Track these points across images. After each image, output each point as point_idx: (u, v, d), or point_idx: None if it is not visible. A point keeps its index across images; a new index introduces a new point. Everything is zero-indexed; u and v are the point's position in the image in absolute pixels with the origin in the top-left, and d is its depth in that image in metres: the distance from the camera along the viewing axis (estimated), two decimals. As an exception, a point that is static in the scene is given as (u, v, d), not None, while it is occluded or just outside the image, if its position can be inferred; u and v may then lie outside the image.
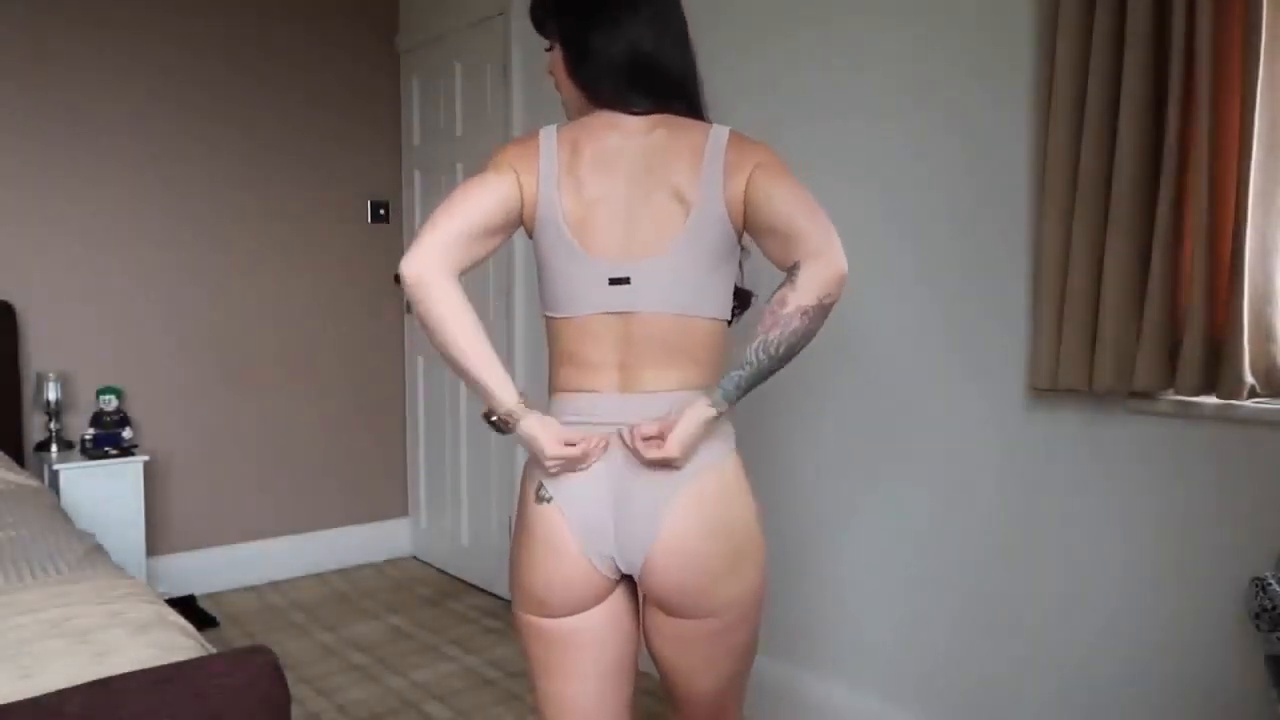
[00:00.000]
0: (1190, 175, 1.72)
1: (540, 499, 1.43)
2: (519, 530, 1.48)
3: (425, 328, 1.38)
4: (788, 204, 1.39)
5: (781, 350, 1.34)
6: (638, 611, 1.54)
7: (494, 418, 1.41)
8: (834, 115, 2.41)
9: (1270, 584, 1.43)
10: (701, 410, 1.37)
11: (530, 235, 1.47)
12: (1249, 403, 1.72)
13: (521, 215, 1.44)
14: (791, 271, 1.35)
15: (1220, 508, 1.78)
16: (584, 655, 1.48)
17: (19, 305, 3.36)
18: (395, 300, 4.24)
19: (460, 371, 1.38)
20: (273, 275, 3.91)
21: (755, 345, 1.34)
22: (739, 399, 1.39)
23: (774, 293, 1.35)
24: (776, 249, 1.39)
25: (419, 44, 4.03)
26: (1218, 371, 1.72)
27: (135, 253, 3.60)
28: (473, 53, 3.71)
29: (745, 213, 1.41)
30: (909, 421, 2.31)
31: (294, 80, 3.92)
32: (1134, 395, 1.87)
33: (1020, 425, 2.09)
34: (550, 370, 1.51)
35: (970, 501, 2.20)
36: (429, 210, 4.02)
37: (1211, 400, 1.76)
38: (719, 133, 1.44)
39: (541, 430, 1.39)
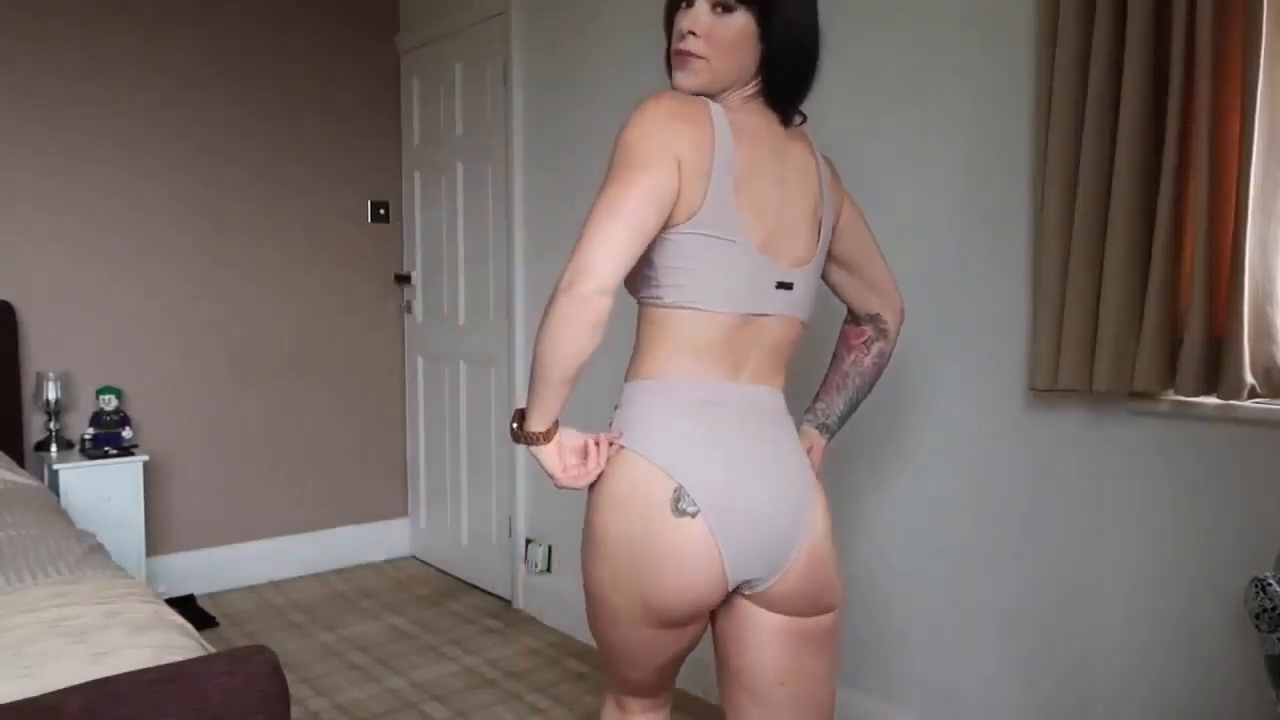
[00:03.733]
0: (1190, 175, 1.72)
1: (681, 511, 1.32)
2: (642, 542, 1.34)
3: (553, 338, 1.26)
4: (874, 249, 1.62)
5: (873, 387, 1.70)
6: None
7: (519, 426, 1.36)
8: (834, 117, 2.41)
9: (1270, 584, 1.43)
10: (824, 443, 1.69)
11: (675, 220, 1.31)
12: (1249, 403, 1.72)
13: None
14: (879, 322, 1.64)
15: (1220, 508, 1.78)
16: (677, 652, 1.48)
17: (19, 305, 3.36)
18: (395, 300, 4.24)
19: (541, 383, 1.30)
20: (273, 275, 3.91)
21: (858, 386, 1.67)
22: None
23: (863, 338, 1.65)
24: (851, 286, 1.62)
25: (419, 44, 4.03)
26: (1218, 371, 1.72)
27: (135, 253, 3.60)
28: (473, 53, 3.71)
29: (832, 238, 1.55)
30: (908, 421, 2.31)
31: (294, 80, 3.92)
32: (1134, 395, 1.87)
33: (1020, 425, 2.09)
34: (650, 355, 1.39)
35: (969, 501, 2.19)
36: (428, 209, 4.04)
37: (1211, 400, 1.76)
38: (815, 150, 1.51)
39: (553, 458, 1.36)
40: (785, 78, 1.41)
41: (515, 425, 1.37)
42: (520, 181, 3.48)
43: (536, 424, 1.34)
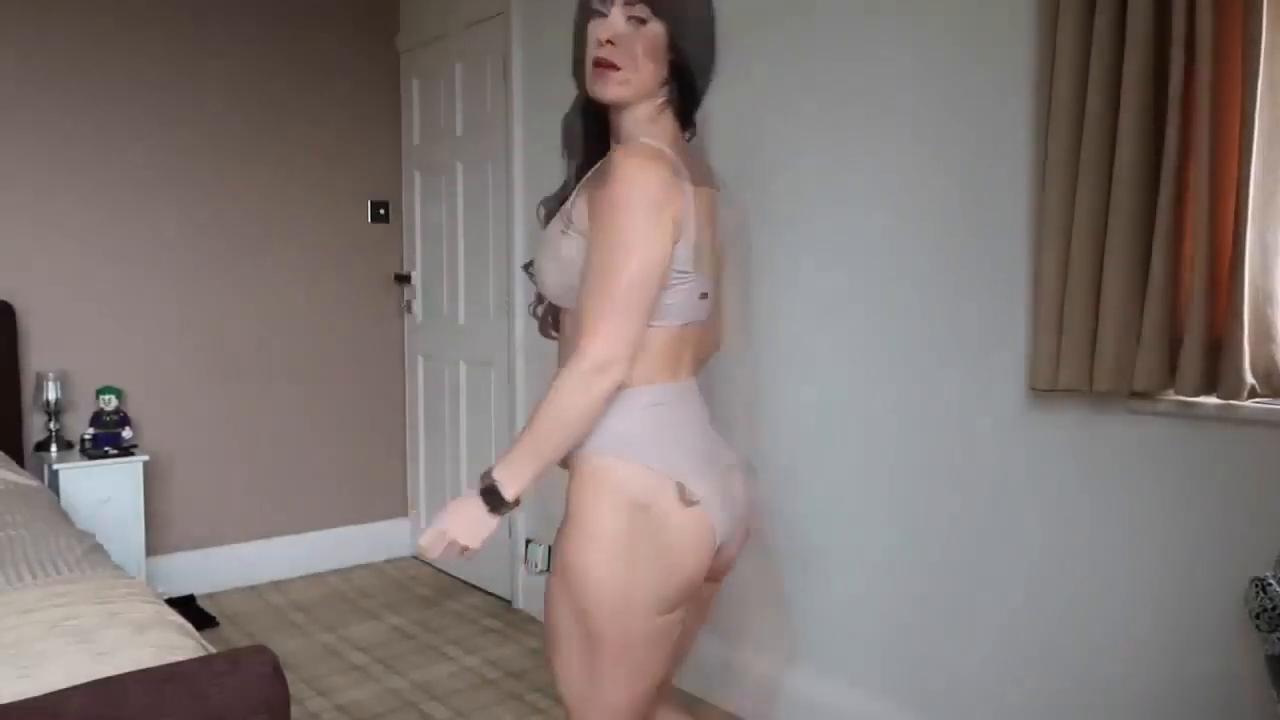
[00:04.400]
0: (1190, 175, 1.72)
1: (690, 502, 1.42)
2: (656, 534, 1.41)
3: (572, 422, 1.37)
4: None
5: None
6: None
7: (491, 482, 1.44)
8: (834, 118, 2.41)
9: (1270, 584, 1.43)
10: None
11: None
12: (1249, 403, 1.72)
13: None
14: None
15: (1220, 508, 1.78)
16: (673, 638, 1.52)
17: (19, 305, 3.35)
18: (395, 300, 4.24)
19: (541, 458, 1.41)
20: (272, 274, 3.91)
21: None
22: None
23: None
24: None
25: (419, 44, 4.03)
26: (1218, 371, 1.72)
27: (135, 252, 3.60)
28: (473, 53, 3.71)
29: None
30: (908, 421, 2.31)
31: (294, 80, 3.91)
32: (1134, 395, 1.87)
33: (1020, 425, 2.09)
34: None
35: (969, 501, 2.19)
36: (428, 209, 4.04)
37: (1212, 400, 1.76)
38: None
39: (481, 528, 1.50)
40: (693, 84, 1.48)
41: (492, 488, 1.43)
42: (520, 181, 3.48)
43: (515, 492, 1.43)
